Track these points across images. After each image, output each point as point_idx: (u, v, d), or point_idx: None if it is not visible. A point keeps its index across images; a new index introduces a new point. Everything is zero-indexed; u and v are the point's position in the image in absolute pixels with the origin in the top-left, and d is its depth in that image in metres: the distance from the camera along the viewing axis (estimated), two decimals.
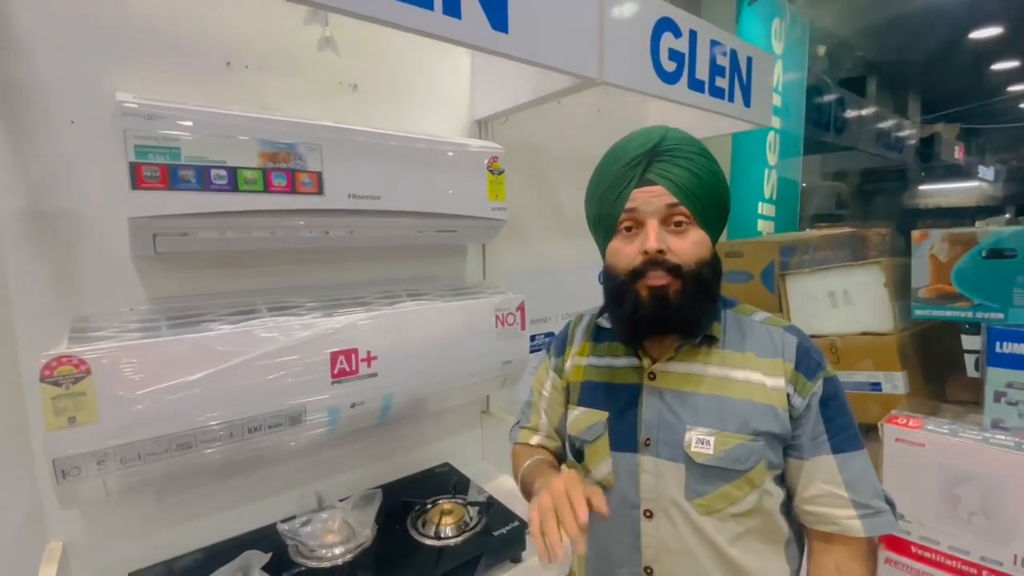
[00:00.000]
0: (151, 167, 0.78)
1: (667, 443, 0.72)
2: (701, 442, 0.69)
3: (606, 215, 0.73)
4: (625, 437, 0.76)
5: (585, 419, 0.81)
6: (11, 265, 0.86)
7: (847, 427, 0.69)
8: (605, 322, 0.85)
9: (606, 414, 0.79)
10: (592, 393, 0.82)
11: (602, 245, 0.77)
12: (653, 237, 0.68)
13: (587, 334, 0.88)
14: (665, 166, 0.69)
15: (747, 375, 0.71)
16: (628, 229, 0.72)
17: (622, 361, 0.80)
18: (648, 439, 0.74)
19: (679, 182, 0.69)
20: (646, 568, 0.74)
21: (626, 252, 0.71)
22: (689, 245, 0.69)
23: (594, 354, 0.85)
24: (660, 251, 0.67)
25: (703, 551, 0.70)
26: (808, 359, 0.71)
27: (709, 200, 0.70)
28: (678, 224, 0.69)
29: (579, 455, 0.82)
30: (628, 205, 0.70)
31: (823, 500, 0.68)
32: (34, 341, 0.86)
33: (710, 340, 0.74)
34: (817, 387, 0.69)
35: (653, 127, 0.74)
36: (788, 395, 0.69)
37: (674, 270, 0.68)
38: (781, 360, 0.70)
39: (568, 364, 0.88)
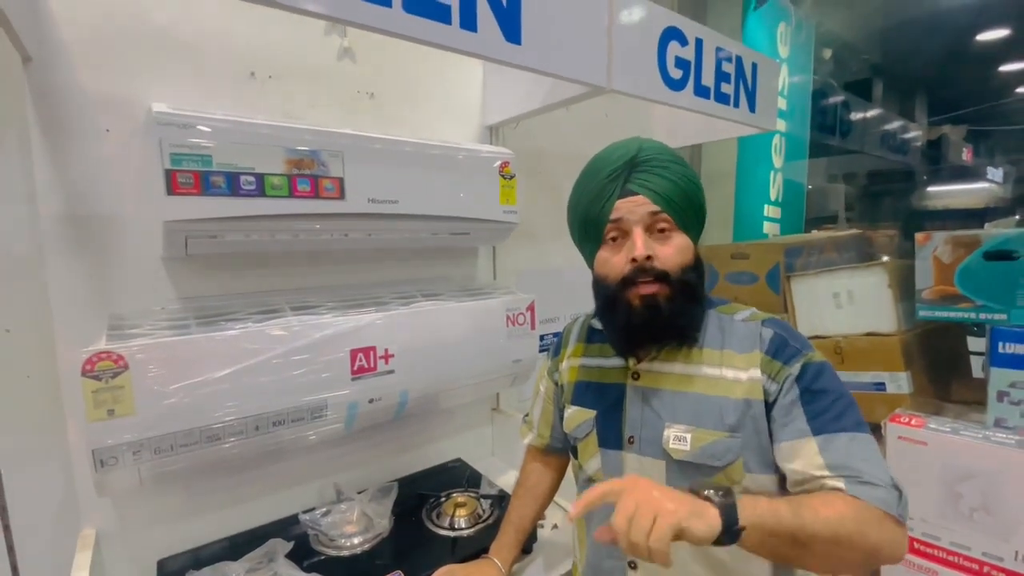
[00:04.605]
0: (185, 174, 0.82)
1: (649, 441, 0.75)
2: (679, 439, 0.72)
3: (592, 226, 0.76)
4: (611, 435, 0.80)
5: (576, 417, 0.85)
6: (50, 265, 0.90)
7: (829, 409, 0.66)
8: (598, 323, 0.88)
9: (594, 412, 0.83)
10: (583, 392, 0.86)
11: (589, 255, 0.80)
12: (640, 244, 0.71)
13: (581, 335, 0.92)
14: (644, 176, 0.73)
15: (723, 372, 0.73)
16: (614, 239, 0.75)
17: (610, 361, 0.84)
18: (632, 437, 0.77)
19: (659, 191, 0.72)
20: (630, 563, 0.77)
21: (615, 261, 0.74)
22: (673, 251, 0.72)
23: (587, 355, 0.89)
24: (648, 257, 0.71)
25: (684, 547, 0.71)
26: (785, 347, 0.71)
27: (688, 205, 0.74)
28: (661, 230, 0.73)
29: (574, 451, 0.87)
30: (613, 215, 0.73)
31: (806, 484, 0.65)
32: (71, 338, 0.91)
33: (690, 340, 0.76)
34: (794, 370, 0.68)
35: (628, 140, 0.77)
36: (763, 384, 0.70)
37: (662, 276, 0.71)
38: (758, 352, 0.72)
39: (564, 366, 0.92)
